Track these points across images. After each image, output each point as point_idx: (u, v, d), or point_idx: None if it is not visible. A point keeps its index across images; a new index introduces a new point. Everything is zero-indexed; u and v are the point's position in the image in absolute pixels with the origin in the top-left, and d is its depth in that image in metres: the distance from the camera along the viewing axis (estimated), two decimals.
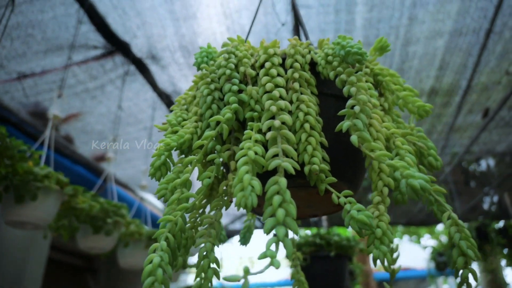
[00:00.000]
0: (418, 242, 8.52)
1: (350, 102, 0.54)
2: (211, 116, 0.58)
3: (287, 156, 0.47)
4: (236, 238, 5.89)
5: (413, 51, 2.21)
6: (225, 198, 0.56)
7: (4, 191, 1.31)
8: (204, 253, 0.49)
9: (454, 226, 0.51)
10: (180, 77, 2.44)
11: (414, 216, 4.90)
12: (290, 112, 0.55)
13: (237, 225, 5.20)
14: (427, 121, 2.90)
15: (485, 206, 4.44)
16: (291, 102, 0.56)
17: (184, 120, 0.64)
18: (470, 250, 0.48)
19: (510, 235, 3.26)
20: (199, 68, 0.67)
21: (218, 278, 0.49)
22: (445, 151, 3.59)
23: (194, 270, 2.63)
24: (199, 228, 0.54)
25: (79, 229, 1.61)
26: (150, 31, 2.10)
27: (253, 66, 0.63)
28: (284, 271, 8.52)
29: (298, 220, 0.84)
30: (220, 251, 4.63)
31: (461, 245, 0.48)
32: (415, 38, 2.12)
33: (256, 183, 0.41)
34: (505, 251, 3.63)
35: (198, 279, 0.48)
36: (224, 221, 4.54)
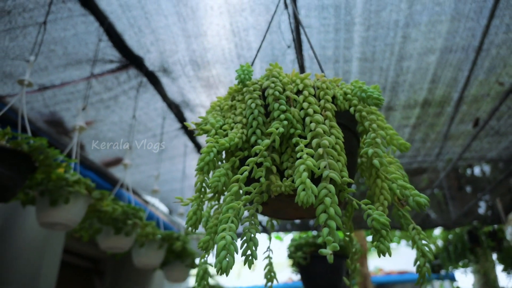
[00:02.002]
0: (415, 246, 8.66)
1: (372, 134, 0.70)
2: (257, 126, 0.72)
3: (330, 168, 0.63)
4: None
5: (407, 66, 2.38)
6: (262, 194, 0.71)
7: (40, 195, 1.46)
8: (251, 236, 0.64)
9: (417, 235, 0.66)
10: (189, 89, 2.61)
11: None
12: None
13: (239, 229, 5.34)
14: (421, 130, 3.07)
15: (479, 211, 4.61)
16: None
17: (223, 124, 0.79)
18: (429, 253, 0.64)
19: (499, 238, 3.42)
20: (243, 84, 0.81)
21: (256, 258, 0.64)
22: (439, 158, 3.76)
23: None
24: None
25: (102, 230, 1.76)
26: (163, 47, 2.26)
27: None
28: (284, 274, 8.64)
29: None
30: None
31: (422, 249, 0.64)
32: (408, 55, 2.29)
33: (314, 186, 0.57)
34: (496, 255, 3.78)
35: (244, 256, 0.63)
36: None
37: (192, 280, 5.65)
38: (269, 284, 0.92)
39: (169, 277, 2.48)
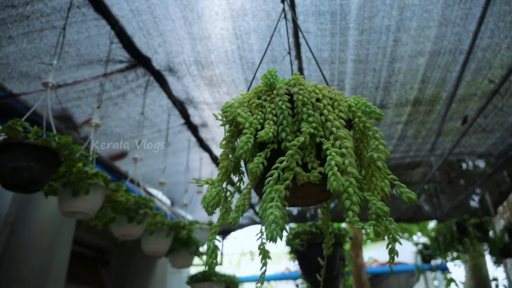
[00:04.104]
0: (410, 239, 8.90)
1: (376, 142, 0.86)
2: (286, 124, 0.86)
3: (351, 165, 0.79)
4: (235, 233, 6.19)
5: (398, 67, 2.53)
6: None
7: (62, 187, 1.62)
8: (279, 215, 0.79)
9: (390, 224, 0.82)
10: (193, 87, 2.76)
11: (403, 213, 5.26)
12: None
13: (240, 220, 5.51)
14: (412, 127, 3.23)
15: (469, 204, 4.80)
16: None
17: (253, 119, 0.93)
18: (396, 235, 0.80)
19: (485, 229, 3.61)
20: (271, 86, 0.96)
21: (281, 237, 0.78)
22: (432, 153, 3.93)
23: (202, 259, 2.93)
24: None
25: (116, 219, 1.93)
26: (169, 48, 2.41)
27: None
28: (281, 265, 8.85)
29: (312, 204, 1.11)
30: (220, 244, 4.94)
31: (394, 235, 0.80)
32: (400, 57, 2.45)
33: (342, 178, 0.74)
34: (487, 247, 3.97)
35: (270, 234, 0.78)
36: None
37: (194, 269, 5.84)
38: (264, 268, 1.03)
39: (174, 263, 2.65)
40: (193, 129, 3.26)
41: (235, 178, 1.06)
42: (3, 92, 2.48)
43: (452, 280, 10.28)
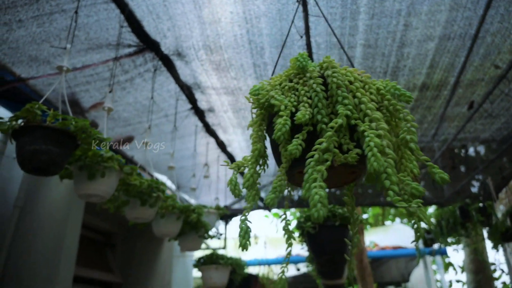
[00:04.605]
0: (409, 223, 9.00)
1: (408, 124, 0.87)
2: (321, 107, 0.87)
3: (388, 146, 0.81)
4: (238, 218, 6.26)
5: (407, 52, 2.53)
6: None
7: (78, 170, 1.64)
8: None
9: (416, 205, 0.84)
10: (201, 71, 2.76)
11: None
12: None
13: (240, 205, 5.57)
14: (418, 112, 3.24)
15: (472, 189, 4.84)
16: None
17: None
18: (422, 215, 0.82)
19: (488, 214, 3.67)
20: (303, 69, 0.97)
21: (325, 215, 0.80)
22: (435, 139, 3.95)
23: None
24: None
25: (129, 202, 1.95)
26: (178, 32, 2.40)
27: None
28: (281, 249, 8.96)
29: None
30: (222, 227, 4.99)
31: (419, 215, 0.82)
32: (409, 41, 2.44)
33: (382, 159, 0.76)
34: (486, 232, 4.04)
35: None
36: (228, 201, 4.90)
37: (199, 253, 5.91)
38: (289, 249, 1.06)
39: (184, 246, 2.70)
40: (200, 114, 3.27)
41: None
42: (11, 76, 2.48)
43: (450, 264, 10.43)
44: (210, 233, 2.77)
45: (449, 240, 4.34)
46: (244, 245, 0.94)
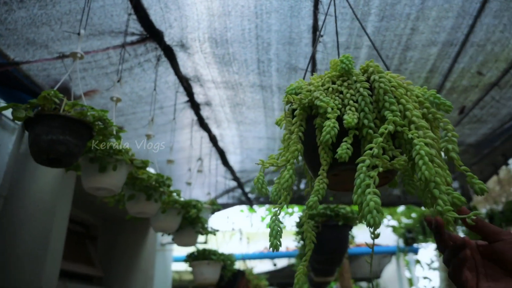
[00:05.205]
0: (393, 225, 9.24)
1: (449, 134, 0.86)
2: (368, 111, 0.86)
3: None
4: (225, 212, 6.22)
5: (410, 55, 2.57)
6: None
7: (89, 162, 1.57)
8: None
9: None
10: (203, 64, 2.70)
11: (386, 198, 5.45)
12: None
13: (225, 199, 5.55)
14: None
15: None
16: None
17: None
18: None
19: None
20: (348, 72, 0.95)
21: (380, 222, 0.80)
22: None
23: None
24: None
25: (135, 196, 1.89)
26: (185, 23, 2.34)
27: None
28: (258, 245, 9.01)
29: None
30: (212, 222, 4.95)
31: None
32: (413, 45, 2.48)
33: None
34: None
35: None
36: (212, 195, 4.86)
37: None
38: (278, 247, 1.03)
39: (179, 241, 2.65)
40: (196, 107, 3.21)
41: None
42: (3, 59, 2.35)
43: (418, 261, 10.80)
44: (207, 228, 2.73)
45: (428, 239, 4.48)
46: (275, 246, 0.93)
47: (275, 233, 0.94)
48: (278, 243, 0.94)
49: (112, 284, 4.06)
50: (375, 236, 1.08)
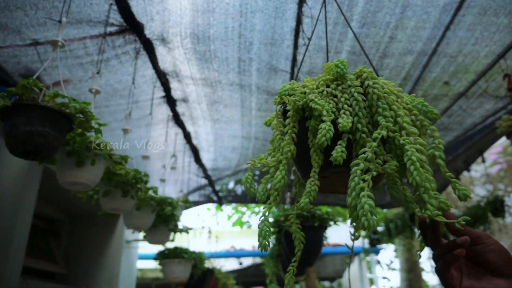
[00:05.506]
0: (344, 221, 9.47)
1: (436, 141, 0.89)
2: (361, 116, 0.87)
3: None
4: (194, 210, 6.16)
5: (387, 63, 2.65)
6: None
7: (66, 155, 1.51)
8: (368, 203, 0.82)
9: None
10: (183, 60, 2.66)
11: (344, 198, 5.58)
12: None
13: (195, 197, 5.49)
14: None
15: None
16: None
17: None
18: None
19: None
20: (342, 77, 0.96)
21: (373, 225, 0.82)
22: None
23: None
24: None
25: (111, 192, 1.84)
26: (168, 17, 2.30)
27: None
28: (225, 243, 8.99)
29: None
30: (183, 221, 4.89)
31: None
32: (391, 53, 2.56)
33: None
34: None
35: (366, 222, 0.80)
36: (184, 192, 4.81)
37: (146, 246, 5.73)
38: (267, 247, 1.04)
39: (151, 239, 2.60)
40: (172, 103, 3.16)
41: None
42: None
43: (378, 262, 11.15)
44: (180, 226, 2.70)
45: (393, 241, 4.64)
46: (264, 246, 0.93)
47: (264, 233, 0.95)
48: (267, 243, 0.95)
49: (77, 281, 3.93)
50: (356, 237, 1.11)
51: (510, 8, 2.16)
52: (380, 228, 6.52)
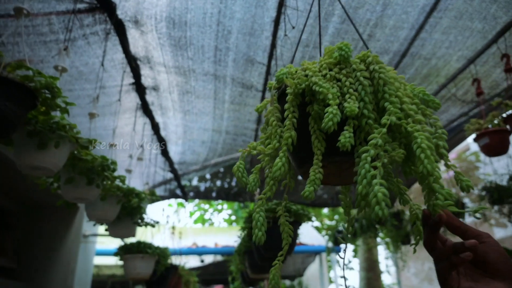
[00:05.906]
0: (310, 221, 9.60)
1: (439, 130, 0.86)
2: (368, 101, 0.83)
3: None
4: (160, 204, 5.96)
5: None
6: None
7: (27, 136, 1.37)
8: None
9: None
10: (156, 45, 2.54)
11: (317, 199, 5.63)
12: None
13: (161, 191, 5.33)
14: None
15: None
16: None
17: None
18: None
19: (401, 218, 4.06)
20: (346, 60, 0.91)
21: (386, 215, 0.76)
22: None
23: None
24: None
25: (74, 179, 1.70)
26: None
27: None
28: (187, 240, 8.83)
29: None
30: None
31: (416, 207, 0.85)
32: None
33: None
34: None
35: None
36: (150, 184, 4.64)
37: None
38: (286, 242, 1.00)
39: (115, 233, 2.45)
40: (142, 91, 3.01)
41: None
42: None
43: (337, 261, 11.38)
44: (146, 220, 2.57)
45: (356, 240, 4.71)
46: (259, 238, 0.88)
47: (260, 225, 0.88)
48: (263, 236, 0.88)
49: (29, 277, 3.68)
50: (350, 232, 1.06)
51: (486, 13, 2.21)
52: (341, 228, 6.64)
